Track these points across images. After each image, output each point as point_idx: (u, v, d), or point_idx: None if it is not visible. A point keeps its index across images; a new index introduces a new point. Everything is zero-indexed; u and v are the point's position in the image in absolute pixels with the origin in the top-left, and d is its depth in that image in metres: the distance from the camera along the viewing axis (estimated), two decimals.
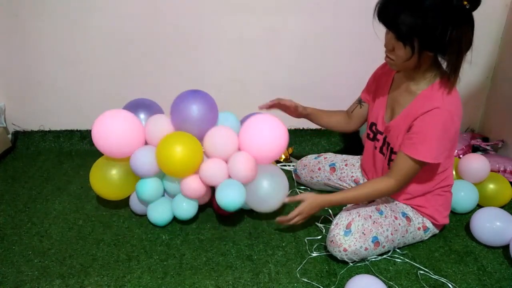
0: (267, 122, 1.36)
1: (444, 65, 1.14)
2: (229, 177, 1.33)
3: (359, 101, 1.46)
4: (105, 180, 1.41)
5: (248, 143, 1.35)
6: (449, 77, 1.12)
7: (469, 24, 1.06)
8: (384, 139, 1.31)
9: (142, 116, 1.47)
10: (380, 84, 1.36)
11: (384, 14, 1.08)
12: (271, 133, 1.35)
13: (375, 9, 1.09)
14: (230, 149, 1.33)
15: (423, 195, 1.31)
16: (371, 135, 1.38)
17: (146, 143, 1.40)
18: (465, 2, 1.03)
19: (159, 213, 1.40)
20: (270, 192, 1.34)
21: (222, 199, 1.29)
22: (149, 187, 1.37)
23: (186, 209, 1.39)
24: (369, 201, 1.33)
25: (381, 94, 1.34)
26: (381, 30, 1.13)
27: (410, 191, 1.31)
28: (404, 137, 1.20)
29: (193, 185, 1.33)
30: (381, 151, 1.34)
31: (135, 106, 1.50)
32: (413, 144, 1.16)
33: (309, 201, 1.29)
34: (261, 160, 1.36)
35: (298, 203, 1.31)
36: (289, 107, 1.44)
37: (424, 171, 1.23)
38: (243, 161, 1.30)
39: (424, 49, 1.09)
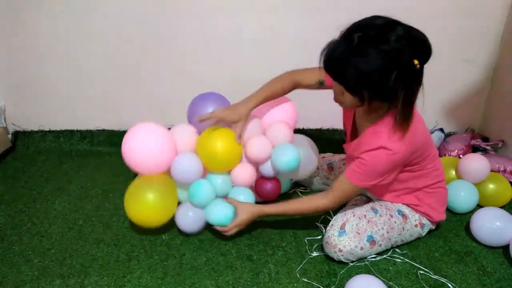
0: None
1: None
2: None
3: (321, 83, 1.38)
4: (143, 205, 1.30)
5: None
6: (401, 124, 1.09)
7: (420, 78, 1.02)
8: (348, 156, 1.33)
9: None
10: None
11: (331, 66, 1.04)
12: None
13: (321, 58, 1.05)
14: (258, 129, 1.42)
15: (411, 193, 1.30)
16: (346, 140, 1.39)
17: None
18: (416, 62, 0.98)
19: (219, 212, 1.33)
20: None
21: (282, 159, 1.36)
22: (202, 188, 1.32)
23: (244, 200, 1.37)
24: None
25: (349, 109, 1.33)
26: None
27: (395, 190, 1.31)
28: (352, 162, 1.20)
29: (243, 172, 1.38)
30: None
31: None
32: (355, 172, 1.17)
33: (246, 215, 1.30)
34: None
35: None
36: (223, 118, 1.34)
37: (401, 173, 1.23)
38: (282, 127, 1.42)
39: (373, 99, 1.06)
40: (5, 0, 1.69)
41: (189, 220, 1.34)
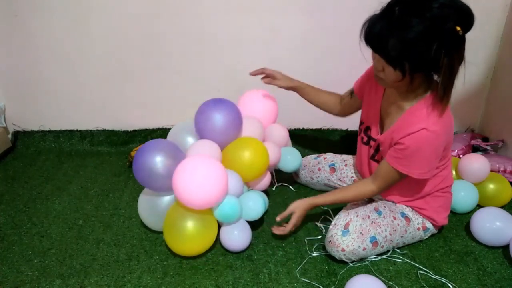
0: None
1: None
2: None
3: (351, 92, 1.44)
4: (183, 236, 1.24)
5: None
6: (441, 98, 1.09)
7: (462, 46, 1.03)
8: (377, 146, 1.30)
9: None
10: (373, 89, 1.32)
11: (372, 38, 1.04)
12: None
13: (362, 32, 1.05)
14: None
15: (422, 197, 1.30)
16: (365, 139, 1.36)
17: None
18: (458, 28, 0.98)
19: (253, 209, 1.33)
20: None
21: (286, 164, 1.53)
22: (230, 206, 1.28)
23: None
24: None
25: (374, 101, 1.31)
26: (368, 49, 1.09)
27: (409, 195, 1.31)
28: (390, 148, 1.20)
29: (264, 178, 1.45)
30: (373, 157, 1.34)
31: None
32: (399, 159, 1.16)
33: (299, 211, 1.31)
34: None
35: (289, 217, 1.33)
36: (275, 76, 1.49)
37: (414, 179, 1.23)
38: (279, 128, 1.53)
39: (415, 72, 1.06)
40: (5, 0, 1.69)
41: (236, 238, 1.30)
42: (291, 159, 1.54)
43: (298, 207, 1.31)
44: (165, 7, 1.71)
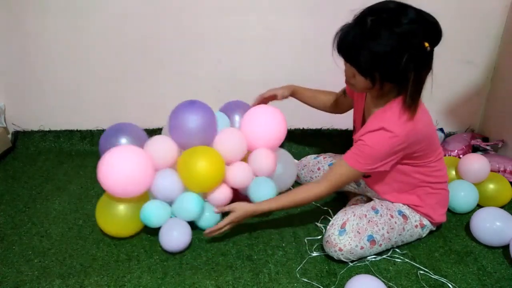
0: (264, 112, 1.46)
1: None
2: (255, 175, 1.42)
3: (344, 92, 1.47)
4: (111, 218, 1.33)
5: (251, 134, 1.42)
6: (410, 106, 1.11)
7: (430, 59, 1.07)
8: None
9: (124, 141, 1.41)
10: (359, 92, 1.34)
11: (344, 48, 1.08)
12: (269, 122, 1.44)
13: (334, 41, 1.09)
14: (243, 150, 1.40)
15: (412, 190, 1.30)
16: (356, 140, 1.38)
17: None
18: (426, 44, 1.02)
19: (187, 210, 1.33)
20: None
21: (256, 196, 1.38)
22: (154, 211, 1.31)
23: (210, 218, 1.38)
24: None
25: (359, 104, 1.34)
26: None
27: (396, 191, 1.31)
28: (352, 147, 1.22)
29: (222, 195, 1.36)
30: None
31: (116, 131, 1.46)
32: (355, 154, 1.18)
33: (239, 211, 1.27)
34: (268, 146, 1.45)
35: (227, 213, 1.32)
36: (275, 96, 1.50)
37: (402, 165, 1.24)
38: (266, 156, 1.40)
39: (385, 81, 1.09)
40: (5, 0, 1.69)
41: (174, 239, 1.30)
42: (263, 189, 1.39)
43: (240, 208, 1.27)
44: (165, 7, 1.71)
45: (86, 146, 1.96)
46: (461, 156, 1.76)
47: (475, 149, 1.86)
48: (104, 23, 1.74)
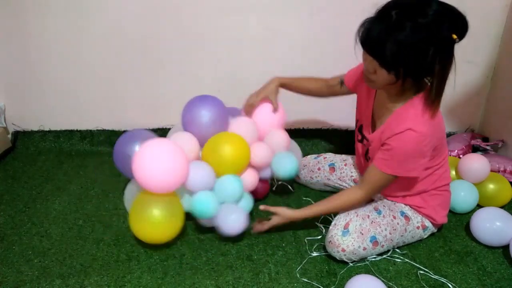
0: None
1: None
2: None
3: (341, 82, 1.44)
4: (148, 222, 1.25)
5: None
6: (433, 102, 1.10)
7: (453, 54, 1.06)
8: (368, 148, 1.31)
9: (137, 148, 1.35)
10: (366, 88, 1.32)
11: (369, 42, 1.05)
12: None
13: (358, 34, 1.06)
14: (256, 134, 1.45)
15: (418, 194, 1.30)
16: (359, 137, 1.37)
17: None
18: (454, 36, 1.00)
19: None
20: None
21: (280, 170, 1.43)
22: (206, 201, 1.29)
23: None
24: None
25: (367, 100, 1.32)
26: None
27: (405, 193, 1.31)
28: (378, 151, 1.20)
29: (251, 177, 1.41)
30: (366, 155, 1.35)
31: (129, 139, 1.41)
32: (385, 160, 1.17)
33: (282, 218, 1.31)
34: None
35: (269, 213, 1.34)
36: (267, 98, 1.48)
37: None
38: (280, 135, 1.47)
39: (408, 76, 1.07)
40: (5, 0, 1.69)
41: (235, 222, 1.30)
42: (285, 163, 1.43)
43: (284, 214, 1.31)
44: (165, 7, 1.71)
45: (86, 146, 1.96)
46: (461, 156, 1.76)
47: (475, 149, 1.86)
48: (104, 23, 1.74)
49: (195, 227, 1.44)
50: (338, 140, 1.97)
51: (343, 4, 1.70)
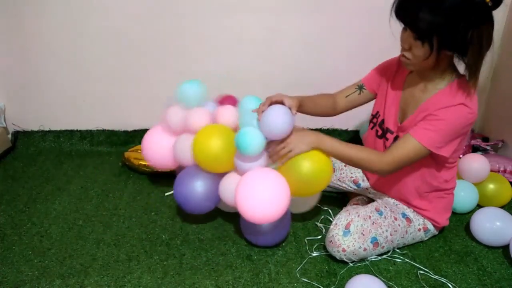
0: None
1: (460, 67, 1.12)
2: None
3: (360, 87, 1.39)
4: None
5: None
6: (469, 78, 1.09)
7: (490, 23, 1.04)
8: (395, 138, 1.27)
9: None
10: (391, 80, 1.31)
11: (403, 11, 1.05)
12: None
13: (393, 5, 1.06)
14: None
15: (428, 194, 1.29)
16: (380, 132, 1.33)
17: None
18: (488, 0, 0.99)
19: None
20: None
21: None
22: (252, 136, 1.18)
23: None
24: (355, 166, 1.25)
25: (393, 92, 1.29)
26: (395, 29, 1.10)
27: (413, 189, 1.30)
28: (420, 122, 1.16)
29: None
30: None
31: None
32: (426, 130, 1.12)
33: (302, 136, 1.19)
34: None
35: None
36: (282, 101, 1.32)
37: (427, 172, 1.23)
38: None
39: (443, 48, 1.06)
40: (5, 0, 1.69)
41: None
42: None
43: (302, 131, 1.21)
44: (165, 7, 1.71)
45: (86, 146, 1.96)
46: (461, 156, 1.76)
47: (475, 149, 1.86)
48: (104, 23, 1.74)
49: (195, 227, 1.44)
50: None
51: (344, 4, 1.70)
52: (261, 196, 1.16)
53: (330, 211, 1.49)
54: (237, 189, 1.20)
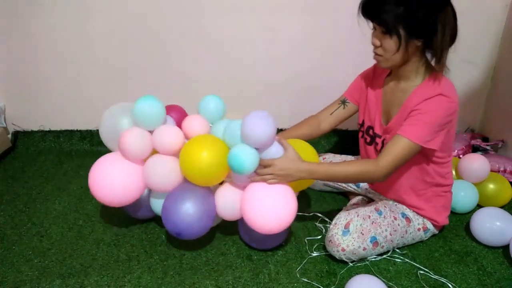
0: None
1: (433, 61, 1.16)
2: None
3: (343, 102, 1.42)
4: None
5: None
6: (436, 63, 1.13)
7: (450, 8, 1.09)
8: (383, 142, 1.29)
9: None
10: (370, 87, 1.34)
11: (368, 8, 1.11)
12: None
13: (360, 6, 1.13)
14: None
15: (423, 192, 1.30)
16: (368, 139, 1.36)
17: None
18: None
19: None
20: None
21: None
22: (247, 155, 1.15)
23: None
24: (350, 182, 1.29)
25: (374, 98, 1.32)
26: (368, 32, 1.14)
27: (409, 188, 1.30)
28: (405, 121, 1.17)
29: None
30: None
31: None
32: (413, 126, 1.14)
33: (290, 162, 1.16)
34: None
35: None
36: None
37: (419, 169, 1.24)
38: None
39: (410, 37, 1.10)
40: (5, 0, 1.69)
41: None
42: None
43: (292, 156, 1.17)
44: (165, 7, 1.71)
45: (86, 146, 1.96)
46: (461, 156, 1.76)
47: (475, 149, 1.86)
48: (105, 23, 1.74)
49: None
50: (338, 140, 1.97)
51: (344, 4, 1.70)
52: (271, 207, 1.17)
53: (329, 211, 1.48)
54: (245, 203, 1.19)
